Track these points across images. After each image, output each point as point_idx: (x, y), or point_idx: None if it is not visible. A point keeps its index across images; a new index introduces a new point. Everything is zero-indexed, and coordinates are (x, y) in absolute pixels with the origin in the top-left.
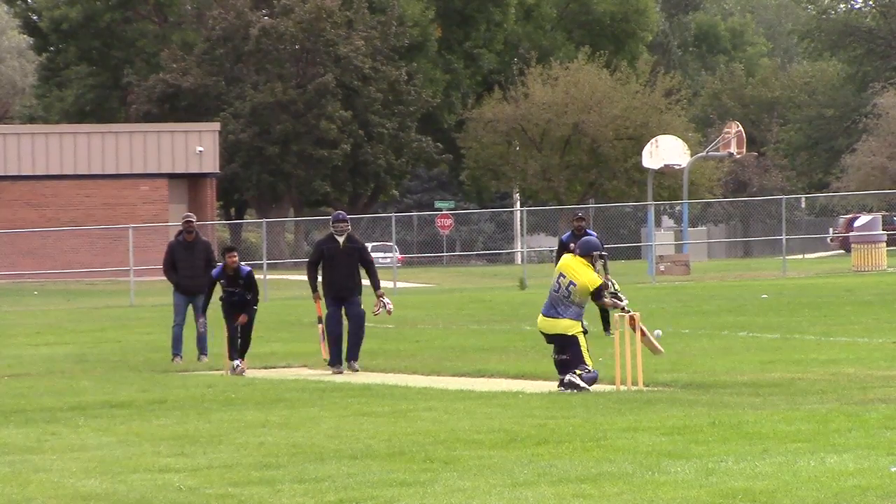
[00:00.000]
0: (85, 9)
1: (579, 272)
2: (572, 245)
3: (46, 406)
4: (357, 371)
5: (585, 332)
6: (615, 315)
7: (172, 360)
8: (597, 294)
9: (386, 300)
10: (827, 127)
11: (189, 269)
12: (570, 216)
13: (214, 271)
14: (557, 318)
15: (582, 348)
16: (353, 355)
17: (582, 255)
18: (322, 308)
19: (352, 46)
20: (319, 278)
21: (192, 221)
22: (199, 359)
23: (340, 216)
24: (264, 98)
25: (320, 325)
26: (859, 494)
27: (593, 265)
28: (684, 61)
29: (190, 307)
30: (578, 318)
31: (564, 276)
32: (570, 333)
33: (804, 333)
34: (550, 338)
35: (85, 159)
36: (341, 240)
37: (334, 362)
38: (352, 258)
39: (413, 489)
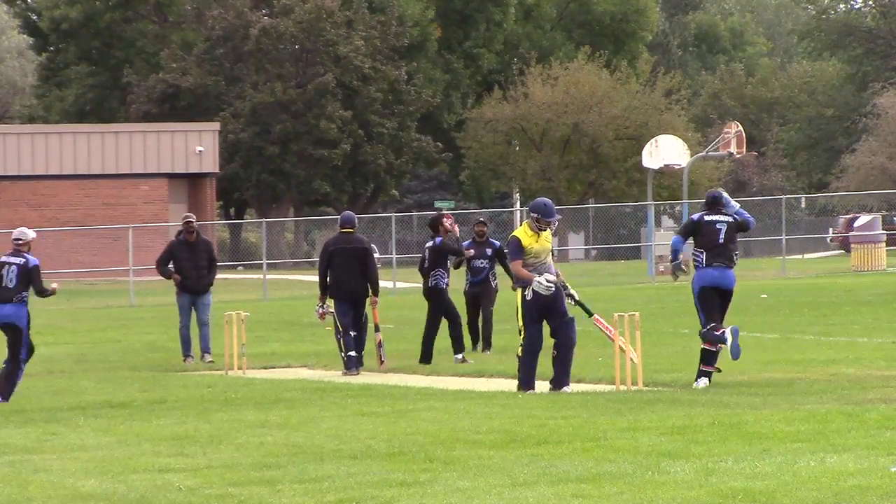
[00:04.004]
0: (85, 9)
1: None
2: (472, 251)
3: (46, 406)
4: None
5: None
6: (614, 315)
7: (184, 360)
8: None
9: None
10: (827, 127)
11: (193, 269)
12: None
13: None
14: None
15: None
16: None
17: (543, 218)
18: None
19: (352, 46)
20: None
21: (192, 222)
22: (202, 358)
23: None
24: (264, 98)
25: (378, 334)
26: (859, 494)
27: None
28: (684, 61)
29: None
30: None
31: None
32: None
33: (804, 333)
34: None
35: (85, 159)
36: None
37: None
38: None
39: (413, 489)
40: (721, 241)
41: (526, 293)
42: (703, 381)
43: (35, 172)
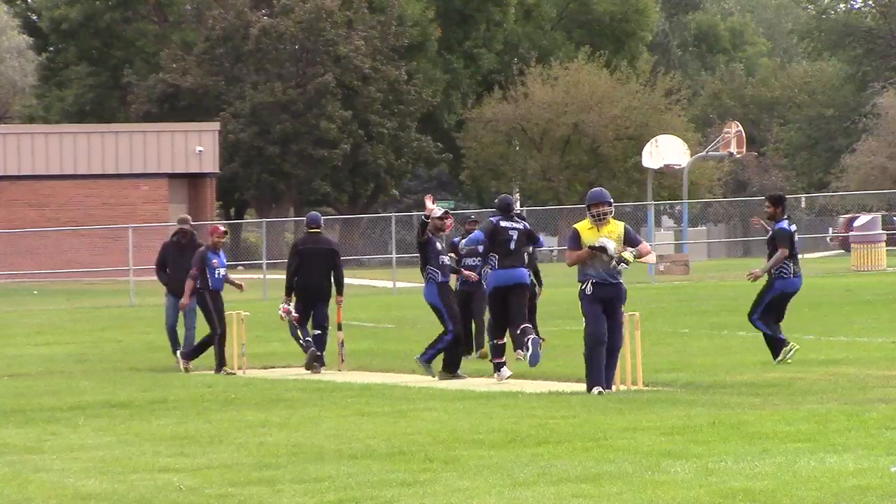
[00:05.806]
0: (85, 9)
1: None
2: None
3: (46, 406)
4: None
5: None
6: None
7: (174, 353)
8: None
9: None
10: (827, 127)
11: (179, 272)
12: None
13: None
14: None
15: None
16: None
17: (589, 204)
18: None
19: (352, 46)
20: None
21: (186, 229)
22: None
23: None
24: (264, 98)
25: (341, 333)
26: (859, 494)
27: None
28: (684, 61)
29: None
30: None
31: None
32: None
33: (804, 333)
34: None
35: (85, 159)
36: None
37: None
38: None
39: (413, 489)
40: (512, 247)
41: (585, 287)
42: (506, 372)
43: (35, 172)
